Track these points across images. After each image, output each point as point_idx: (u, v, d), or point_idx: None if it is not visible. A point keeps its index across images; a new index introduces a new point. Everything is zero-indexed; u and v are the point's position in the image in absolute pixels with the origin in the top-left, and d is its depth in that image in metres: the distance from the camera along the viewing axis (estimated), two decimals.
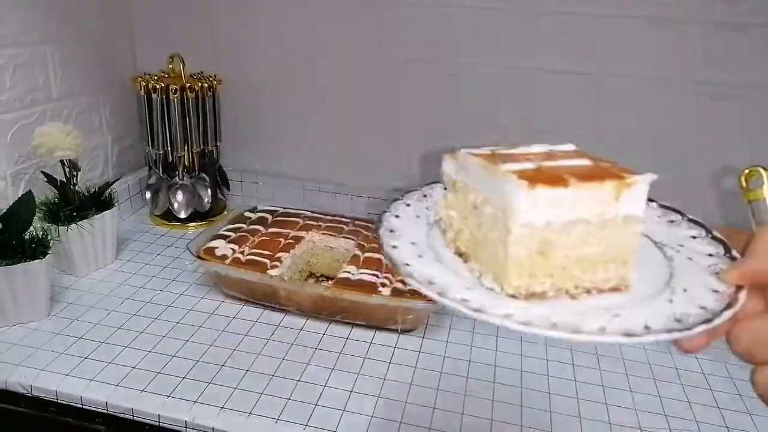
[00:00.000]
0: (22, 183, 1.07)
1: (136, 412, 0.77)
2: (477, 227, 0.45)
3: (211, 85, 1.25)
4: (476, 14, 1.16)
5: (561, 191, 0.40)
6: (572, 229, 0.41)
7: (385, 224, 0.47)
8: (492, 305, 0.38)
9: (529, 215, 0.40)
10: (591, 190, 0.40)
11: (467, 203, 0.46)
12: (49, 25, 1.11)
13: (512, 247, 0.40)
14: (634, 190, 0.41)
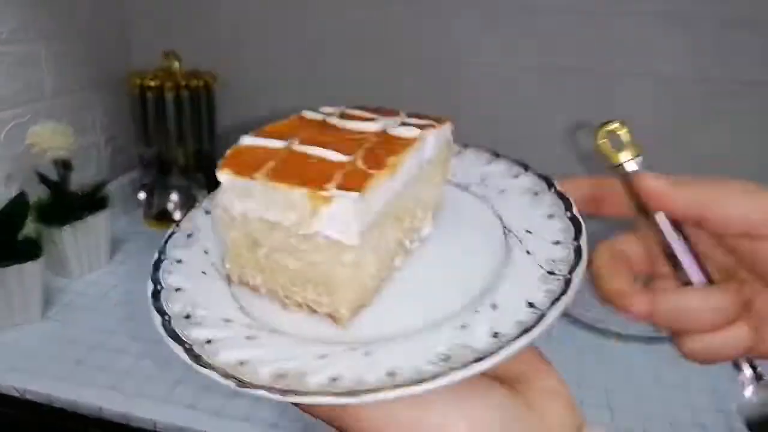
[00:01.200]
0: (15, 183, 1.06)
1: (131, 417, 0.76)
2: None
3: (207, 84, 1.24)
4: (478, 14, 1.16)
5: (246, 182, 0.34)
6: (272, 230, 0.35)
7: (183, 226, 0.44)
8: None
9: (224, 200, 0.36)
10: (282, 193, 0.33)
11: None
12: (42, 22, 1.09)
13: (213, 228, 0.40)
14: (336, 209, 0.33)
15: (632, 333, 0.95)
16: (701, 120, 1.13)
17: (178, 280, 0.38)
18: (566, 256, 0.34)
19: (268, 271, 0.37)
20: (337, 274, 0.34)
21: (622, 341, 0.95)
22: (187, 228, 0.43)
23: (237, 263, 0.38)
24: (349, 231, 0.33)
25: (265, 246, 0.36)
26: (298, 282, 0.36)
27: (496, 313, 0.32)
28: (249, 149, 0.37)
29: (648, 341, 0.95)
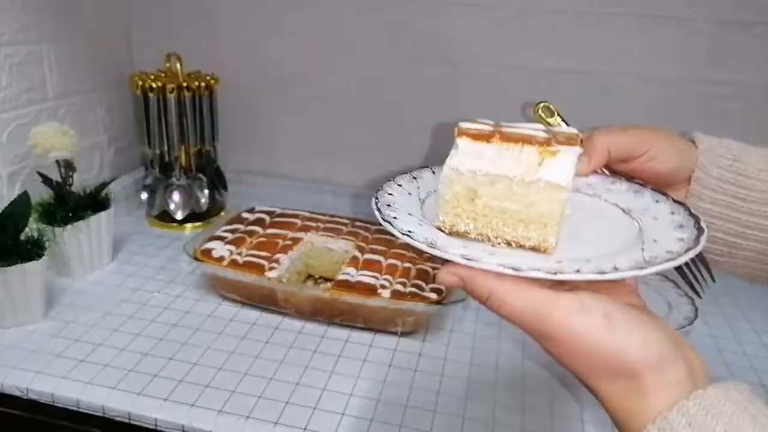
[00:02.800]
0: (17, 183, 1.06)
1: (133, 415, 0.76)
2: None
3: (209, 85, 1.24)
4: (477, 13, 1.16)
5: (482, 145, 0.46)
6: (495, 182, 0.46)
7: (381, 200, 0.51)
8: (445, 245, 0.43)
9: (456, 161, 0.46)
10: (512, 151, 0.45)
11: None
12: (45, 23, 1.10)
13: (441, 186, 0.48)
14: (559, 159, 0.45)
15: None
16: (696, 121, 1.13)
17: (394, 214, 0.48)
18: (685, 218, 0.47)
19: (482, 218, 0.47)
20: (552, 210, 0.45)
21: None
22: (384, 201, 0.51)
23: (453, 213, 0.48)
24: (568, 176, 0.45)
25: (484, 196, 0.46)
26: (511, 223, 0.46)
27: (658, 243, 0.44)
28: (469, 128, 0.47)
29: None
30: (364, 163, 1.33)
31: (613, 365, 0.40)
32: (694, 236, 0.44)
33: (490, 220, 0.47)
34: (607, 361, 0.40)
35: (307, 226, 1.11)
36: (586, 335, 0.40)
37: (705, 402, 0.37)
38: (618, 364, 0.40)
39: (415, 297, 0.90)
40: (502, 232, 0.47)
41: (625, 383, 0.40)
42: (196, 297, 1.01)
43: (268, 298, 0.97)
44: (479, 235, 0.47)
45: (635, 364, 0.39)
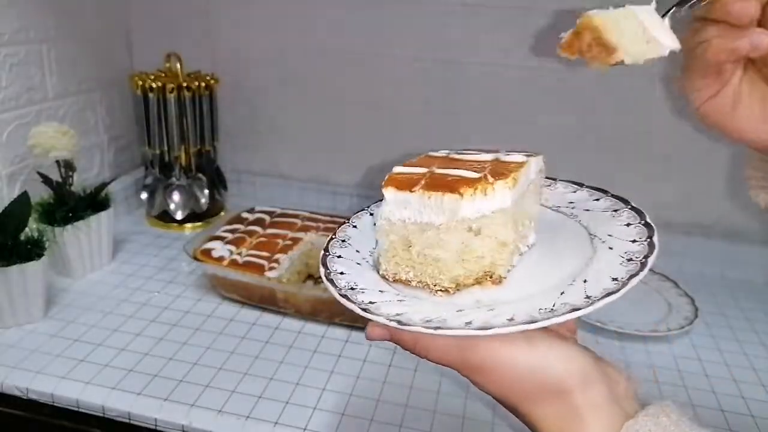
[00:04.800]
0: (17, 183, 1.06)
1: (133, 415, 0.76)
2: None
3: (208, 85, 1.24)
4: (477, 13, 1.16)
5: (407, 195, 0.47)
6: (424, 230, 0.47)
7: (339, 235, 0.55)
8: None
9: (386, 211, 0.48)
10: (435, 199, 0.46)
11: None
12: (45, 23, 1.10)
13: (377, 236, 0.50)
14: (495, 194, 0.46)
15: (630, 332, 0.95)
16: (694, 121, 1.13)
17: (341, 268, 0.49)
18: (642, 249, 0.44)
19: (419, 265, 0.48)
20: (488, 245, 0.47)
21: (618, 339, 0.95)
22: (341, 236, 0.55)
23: (393, 262, 0.49)
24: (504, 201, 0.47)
25: (417, 244, 0.47)
26: (445, 269, 0.47)
27: (588, 284, 0.43)
28: (400, 175, 0.49)
29: (646, 340, 0.96)
30: (364, 163, 1.33)
31: (541, 383, 0.41)
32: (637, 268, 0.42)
33: (426, 268, 0.48)
34: (534, 380, 0.41)
35: (307, 226, 1.11)
36: (510, 359, 0.41)
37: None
38: (545, 381, 0.41)
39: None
40: (440, 280, 0.47)
41: (558, 405, 0.41)
42: (196, 297, 1.01)
43: (268, 298, 0.97)
44: (419, 282, 0.48)
45: (561, 379, 0.40)
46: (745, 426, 0.80)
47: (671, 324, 0.98)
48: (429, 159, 0.53)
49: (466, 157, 0.53)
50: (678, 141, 1.15)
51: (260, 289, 0.96)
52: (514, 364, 0.41)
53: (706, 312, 1.04)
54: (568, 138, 1.20)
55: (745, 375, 0.90)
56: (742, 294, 1.13)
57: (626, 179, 1.18)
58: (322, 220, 1.13)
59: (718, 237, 1.17)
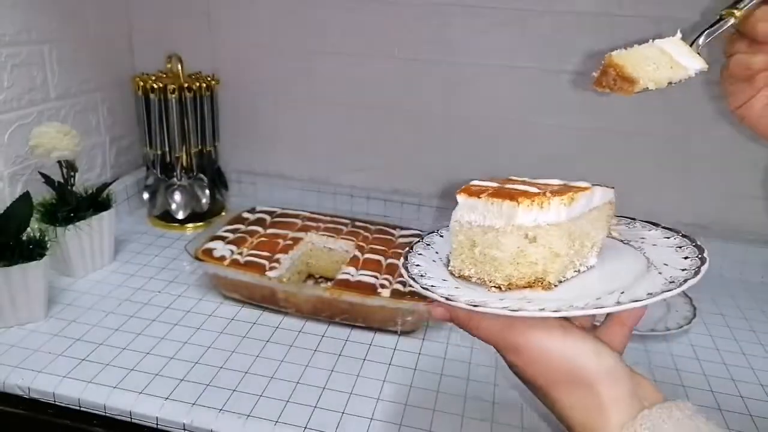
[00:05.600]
0: (19, 184, 1.07)
1: (134, 414, 0.77)
2: None
3: (209, 85, 1.25)
4: (477, 13, 1.16)
5: (475, 200, 0.53)
6: (486, 232, 0.52)
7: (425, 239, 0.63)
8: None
9: (458, 214, 0.54)
10: (496, 205, 0.51)
11: None
12: (47, 24, 1.10)
13: (450, 235, 0.56)
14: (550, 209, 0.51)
15: None
16: (695, 122, 1.14)
17: (418, 261, 0.58)
18: (686, 275, 0.49)
19: (480, 264, 0.54)
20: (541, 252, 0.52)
21: None
22: (427, 240, 0.63)
23: (459, 259, 0.55)
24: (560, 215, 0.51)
25: (479, 245, 0.53)
26: (501, 268, 0.52)
27: (623, 295, 0.47)
28: (474, 186, 0.55)
29: (645, 339, 0.96)
30: (365, 164, 1.34)
31: (571, 372, 0.45)
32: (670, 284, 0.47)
33: (485, 266, 0.53)
34: (565, 368, 0.45)
35: (308, 226, 1.11)
36: (546, 344, 0.45)
37: (649, 422, 0.42)
38: (575, 371, 0.44)
39: (415, 296, 0.90)
40: (494, 277, 0.53)
41: (584, 394, 0.44)
42: (197, 296, 1.02)
43: (269, 297, 0.97)
44: (479, 279, 0.54)
45: (589, 371, 0.44)
46: (743, 425, 0.80)
47: (670, 323, 0.98)
48: (506, 180, 0.59)
49: (539, 180, 0.58)
50: (674, 141, 1.16)
51: (261, 289, 0.97)
52: (549, 349, 0.45)
53: (705, 311, 1.04)
54: (568, 138, 1.20)
55: (743, 374, 0.90)
56: (741, 293, 1.13)
57: (625, 179, 1.19)
58: (322, 220, 1.14)
59: (716, 236, 1.17)
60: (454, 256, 0.56)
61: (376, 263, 0.99)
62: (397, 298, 0.90)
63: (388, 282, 0.94)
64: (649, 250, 0.58)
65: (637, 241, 0.61)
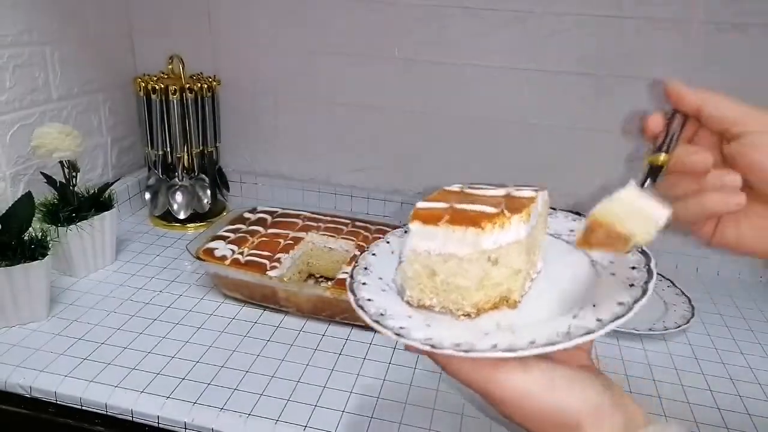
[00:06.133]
0: (21, 184, 1.07)
1: (136, 413, 0.77)
2: None
3: (211, 86, 1.25)
4: (477, 14, 1.17)
5: (432, 228, 0.50)
6: (447, 260, 0.50)
7: (361, 263, 0.58)
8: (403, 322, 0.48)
9: (413, 243, 0.51)
10: (458, 233, 0.49)
11: None
12: (48, 25, 1.11)
13: (404, 264, 0.53)
14: (510, 228, 0.50)
15: (628, 331, 0.96)
16: None
17: (368, 295, 0.53)
18: (642, 276, 0.49)
19: (443, 292, 0.51)
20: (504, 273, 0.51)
21: None
22: (363, 264, 0.59)
23: (417, 289, 0.52)
24: (520, 233, 0.50)
25: (441, 273, 0.51)
26: (467, 295, 0.51)
27: (597, 309, 0.46)
28: (424, 210, 0.52)
29: (643, 338, 0.96)
30: (365, 164, 1.34)
31: (557, 421, 0.44)
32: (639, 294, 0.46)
33: (449, 295, 0.51)
34: (550, 417, 0.44)
35: (308, 226, 1.11)
36: (528, 395, 0.44)
37: None
38: (561, 420, 0.44)
39: None
40: (462, 306, 0.51)
41: None
42: (199, 296, 1.02)
43: (270, 297, 0.98)
44: (443, 308, 0.52)
45: (576, 417, 0.43)
46: (742, 424, 0.81)
47: (668, 323, 0.99)
48: (446, 194, 0.57)
49: (479, 192, 0.57)
50: None
51: (262, 288, 0.97)
52: (531, 399, 0.44)
53: (703, 311, 1.05)
54: (568, 138, 1.20)
55: (741, 373, 0.91)
56: (739, 292, 1.13)
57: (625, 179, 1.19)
58: (323, 220, 1.14)
59: None
60: (410, 286, 0.53)
61: None
62: None
63: None
64: None
65: (567, 235, 0.62)
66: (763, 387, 0.88)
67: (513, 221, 0.50)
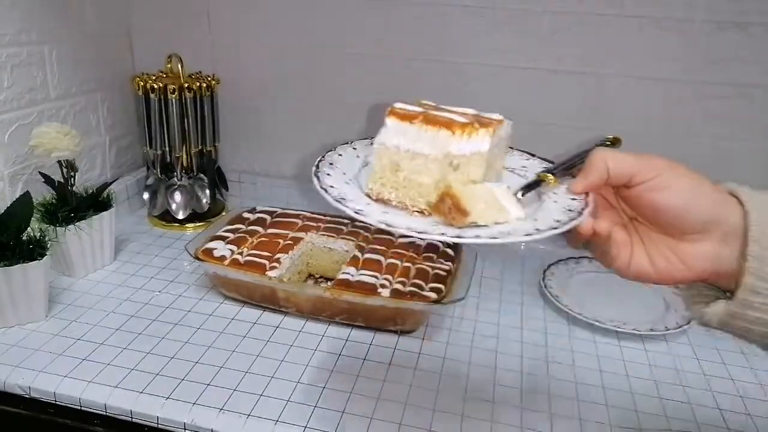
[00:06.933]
0: (19, 184, 1.07)
1: (135, 413, 0.77)
2: None
3: (210, 85, 1.25)
4: (477, 13, 1.16)
5: (407, 125, 0.55)
6: (414, 158, 0.55)
7: (327, 158, 0.63)
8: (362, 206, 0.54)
9: (383, 137, 0.56)
10: (430, 133, 0.54)
11: None
12: (47, 24, 1.11)
13: (372, 158, 0.58)
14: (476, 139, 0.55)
15: (629, 331, 0.95)
16: (695, 122, 1.14)
17: (331, 182, 0.58)
18: (580, 204, 0.54)
19: (402, 188, 0.56)
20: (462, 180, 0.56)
21: None
22: (329, 160, 0.63)
23: (379, 183, 0.57)
24: (483, 145, 0.55)
25: (405, 170, 0.56)
26: (425, 194, 0.55)
27: (537, 223, 0.53)
28: (400, 109, 0.57)
29: (644, 339, 0.96)
30: None
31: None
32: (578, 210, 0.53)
33: (409, 191, 0.56)
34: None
35: (308, 226, 1.11)
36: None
37: None
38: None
39: (415, 296, 0.91)
40: (418, 202, 0.56)
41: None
42: (198, 296, 1.02)
43: (269, 297, 0.97)
44: (399, 203, 0.57)
45: None
46: (742, 424, 0.81)
47: (669, 323, 0.98)
48: (422, 104, 0.61)
49: (455, 108, 0.60)
50: (675, 142, 1.16)
51: (261, 289, 0.97)
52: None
53: None
54: (568, 138, 1.20)
55: (742, 374, 0.91)
56: None
57: None
58: (322, 220, 1.14)
59: None
60: (373, 179, 0.57)
61: (376, 263, 0.99)
62: (397, 297, 0.91)
63: (388, 282, 0.94)
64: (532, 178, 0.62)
65: (520, 170, 0.66)
66: (764, 387, 0.88)
67: (480, 133, 0.55)
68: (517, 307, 1.05)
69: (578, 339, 0.96)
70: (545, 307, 1.05)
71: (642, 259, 0.53)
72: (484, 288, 1.09)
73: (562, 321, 1.01)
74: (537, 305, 1.05)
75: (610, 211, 0.56)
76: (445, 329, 0.97)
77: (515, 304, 1.05)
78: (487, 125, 0.56)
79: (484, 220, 0.52)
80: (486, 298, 1.06)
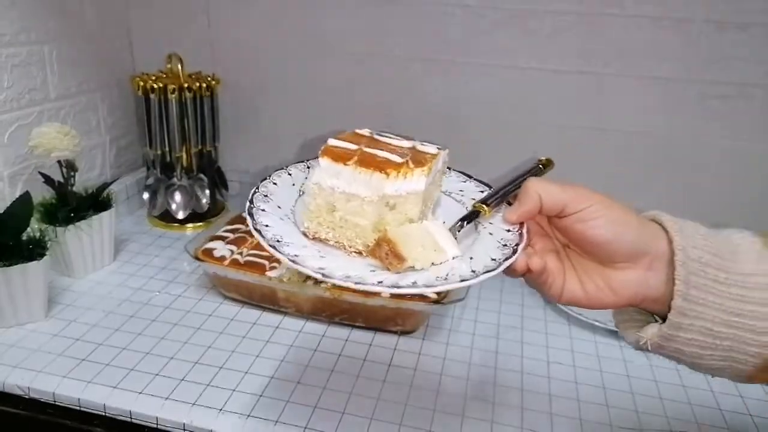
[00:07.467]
0: (19, 184, 1.07)
1: (134, 414, 0.77)
2: None
3: (210, 85, 1.25)
4: (477, 14, 1.16)
5: (341, 167, 0.54)
6: (350, 200, 0.55)
7: (261, 190, 0.60)
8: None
9: (318, 177, 0.55)
10: (364, 175, 0.54)
11: None
12: (46, 24, 1.10)
13: (306, 197, 0.57)
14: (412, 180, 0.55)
15: None
16: (695, 122, 1.14)
17: (266, 221, 0.55)
18: (514, 237, 0.55)
19: (339, 228, 0.56)
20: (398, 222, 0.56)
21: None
22: (263, 191, 0.60)
23: (315, 222, 0.56)
24: (419, 185, 0.55)
25: (341, 210, 0.55)
26: (363, 235, 0.55)
27: (473, 261, 0.52)
28: (335, 147, 0.57)
29: None
30: None
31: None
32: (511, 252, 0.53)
33: (346, 231, 0.56)
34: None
35: None
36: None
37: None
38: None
39: (415, 296, 0.90)
40: (355, 243, 0.56)
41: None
42: (197, 296, 1.02)
43: (269, 297, 0.97)
44: (337, 242, 0.56)
45: None
46: (742, 424, 0.80)
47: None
48: (357, 136, 0.62)
49: (388, 140, 0.61)
50: (675, 142, 1.16)
51: (261, 289, 0.97)
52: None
53: None
54: (568, 138, 1.20)
55: None
56: None
57: (624, 179, 1.19)
58: None
59: None
60: (309, 218, 0.57)
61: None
62: (397, 298, 0.90)
63: None
64: (469, 204, 0.62)
65: (457, 194, 0.67)
66: (764, 387, 0.88)
67: (416, 173, 0.55)
68: (517, 307, 1.05)
69: (578, 339, 0.96)
70: (545, 307, 1.05)
71: (574, 285, 0.55)
72: (484, 288, 1.09)
73: (562, 321, 1.01)
74: (537, 305, 1.05)
75: (544, 239, 0.58)
76: (445, 329, 0.97)
77: (515, 305, 1.05)
78: (422, 162, 0.56)
79: (422, 263, 0.52)
80: (486, 298, 1.06)
